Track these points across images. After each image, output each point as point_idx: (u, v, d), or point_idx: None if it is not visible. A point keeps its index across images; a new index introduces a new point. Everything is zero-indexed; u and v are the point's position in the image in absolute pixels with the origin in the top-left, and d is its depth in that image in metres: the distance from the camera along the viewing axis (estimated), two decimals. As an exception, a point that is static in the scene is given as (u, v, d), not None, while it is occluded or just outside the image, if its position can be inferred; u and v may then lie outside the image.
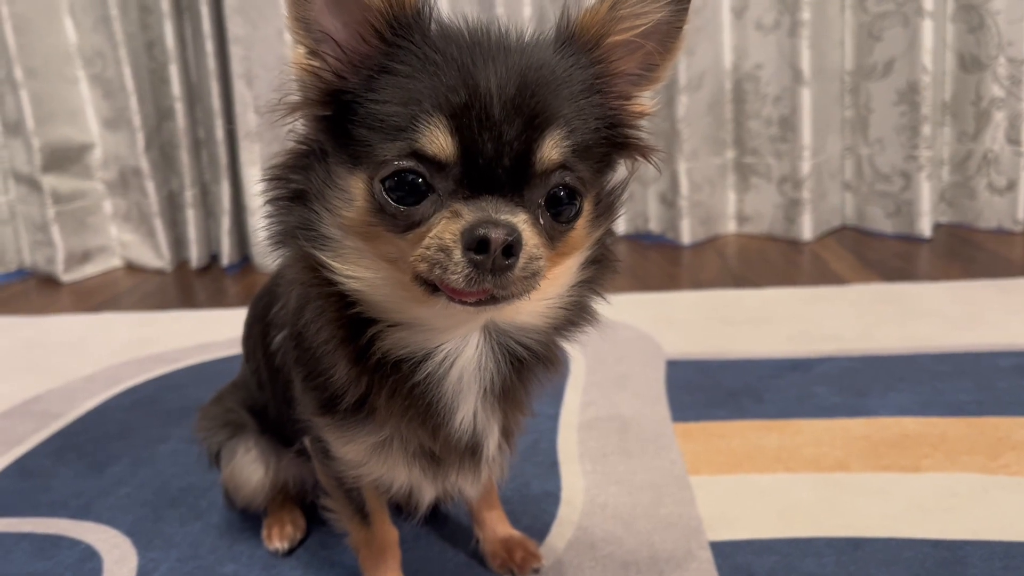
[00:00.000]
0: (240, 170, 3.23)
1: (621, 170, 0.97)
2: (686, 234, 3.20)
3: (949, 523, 1.30)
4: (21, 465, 1.71)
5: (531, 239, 0.79)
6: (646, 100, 0.94)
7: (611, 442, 1.64)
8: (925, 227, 3.04)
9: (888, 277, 2.64)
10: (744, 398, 1.79)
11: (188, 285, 3.22)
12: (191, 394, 1.95)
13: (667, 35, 0.91)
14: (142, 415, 1.92)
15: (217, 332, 2.41)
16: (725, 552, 1.27)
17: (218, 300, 2.97)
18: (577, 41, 0.89)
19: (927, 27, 2.87)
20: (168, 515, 1.48)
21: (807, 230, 3.13)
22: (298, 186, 0.89)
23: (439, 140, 0.79)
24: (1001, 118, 3.01)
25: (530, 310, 0.92)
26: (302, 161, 0.90)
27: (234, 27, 3.05)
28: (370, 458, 1.01)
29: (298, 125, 0.91)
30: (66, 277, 3.31)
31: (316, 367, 0.96)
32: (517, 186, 0.81)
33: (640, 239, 3.35)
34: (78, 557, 1.37)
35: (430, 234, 0.79)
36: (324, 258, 0.87)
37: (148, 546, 1.39)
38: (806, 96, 3.01)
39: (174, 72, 3.19)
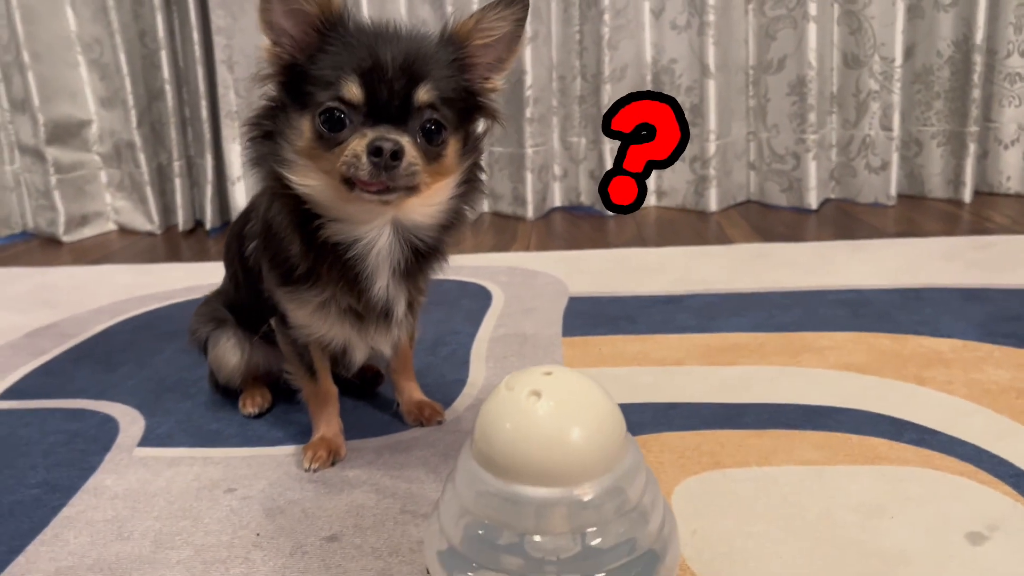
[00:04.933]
0: (222, 145, 3.65)
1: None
2: (611, 206, 3.66)
3: (741, 393, 1.78)
4: (46, 368, 2.16)
5: (411, 151, 1.24)
6: (499, 81, 1.41)
7: (511, 349, 2.11)
8: (812, 201, 3.54)
9: (771, 241, 3.13)
10: (621, 321, 2.27)
11: (175, 245, 3.65)
12: (180, 322, 2.38)
13: (511, 42, 1.38)
14: (142, 335, 2.37)
15: (201, 279, 2.84)
16: (577, 412, 1.74)
17: (202, 258, 3.38)
18: (451, 39, 1.36)
19: (812, 30, 3.36)
20: (167, 396, 1.93)
21: (713, 203, 3.62)
22: (267, 128, 1.35)
23: (353, 90, 1.25)
24: (876, 108, 3.51)
25: (422, 212, 1.37)
26: (270, 112, 1.36)
27: (217, 19, 3.48)
28: (314, 318, 1.46)
29: (267, 89, 1.37)
30: (66, 238, 3.73)
31: (278, 249, 1.41)
32: (403, 119, 1.26)
33: (573, 210, 3.83)
34: (100, 421, 1.81)
35: (347, 148, 1.25)
36: (285, 173, 1.32)
37: (152, 414, 1.82)
38: (712, 87, 3.49)
39: (164, 58, 3.59)
